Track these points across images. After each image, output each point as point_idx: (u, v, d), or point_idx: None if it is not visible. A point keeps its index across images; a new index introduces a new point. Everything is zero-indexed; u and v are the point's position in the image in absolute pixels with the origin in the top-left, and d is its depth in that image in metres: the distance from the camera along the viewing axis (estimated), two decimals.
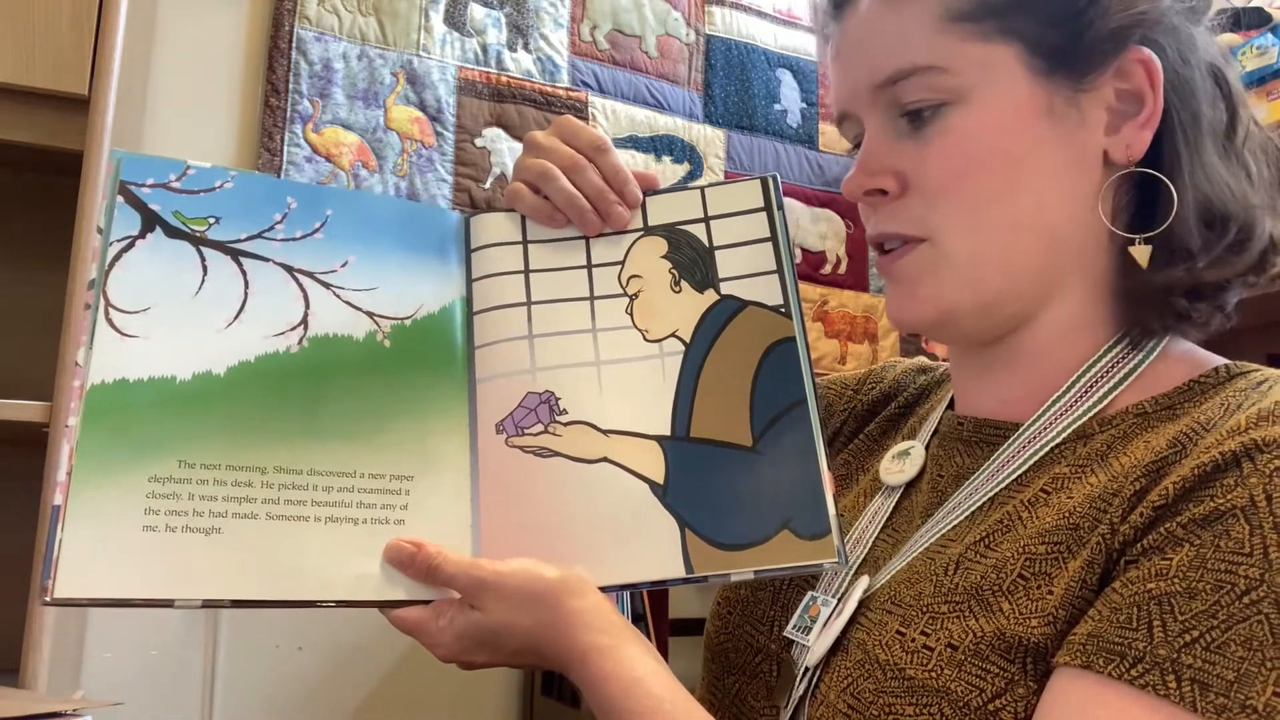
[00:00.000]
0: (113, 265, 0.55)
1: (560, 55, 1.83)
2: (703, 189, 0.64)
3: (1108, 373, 0.57)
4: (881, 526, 0.62)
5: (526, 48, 1.80)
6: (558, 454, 0.58)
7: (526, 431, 0.59)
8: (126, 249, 0.56)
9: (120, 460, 0.52)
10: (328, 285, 0.59)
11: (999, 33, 0.55)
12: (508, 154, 1.75)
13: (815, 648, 0.56)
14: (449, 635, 0.55)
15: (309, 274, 0.59)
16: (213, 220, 0.58)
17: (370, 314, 0.60)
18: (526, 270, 0.63)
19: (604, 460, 0.58)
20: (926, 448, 0.64)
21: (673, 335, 0.60)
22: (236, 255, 0.58)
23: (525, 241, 0.64)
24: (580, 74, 1.84)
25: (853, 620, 0.56)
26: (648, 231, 0.63)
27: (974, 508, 0.56)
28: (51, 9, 1.08)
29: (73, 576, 0.50)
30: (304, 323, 0.58)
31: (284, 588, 0.53)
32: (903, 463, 0.64)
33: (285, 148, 1.57)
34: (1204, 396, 0.54)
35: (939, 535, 0.57)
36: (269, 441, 0.55)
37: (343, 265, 0.60)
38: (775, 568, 0.55)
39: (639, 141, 1.88)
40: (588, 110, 1.84)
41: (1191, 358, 0.58)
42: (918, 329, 0.61)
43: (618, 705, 0.51)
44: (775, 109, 2.04)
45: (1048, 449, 0.56)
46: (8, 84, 1.08)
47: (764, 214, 0.62)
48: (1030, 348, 0.59)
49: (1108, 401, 0.56)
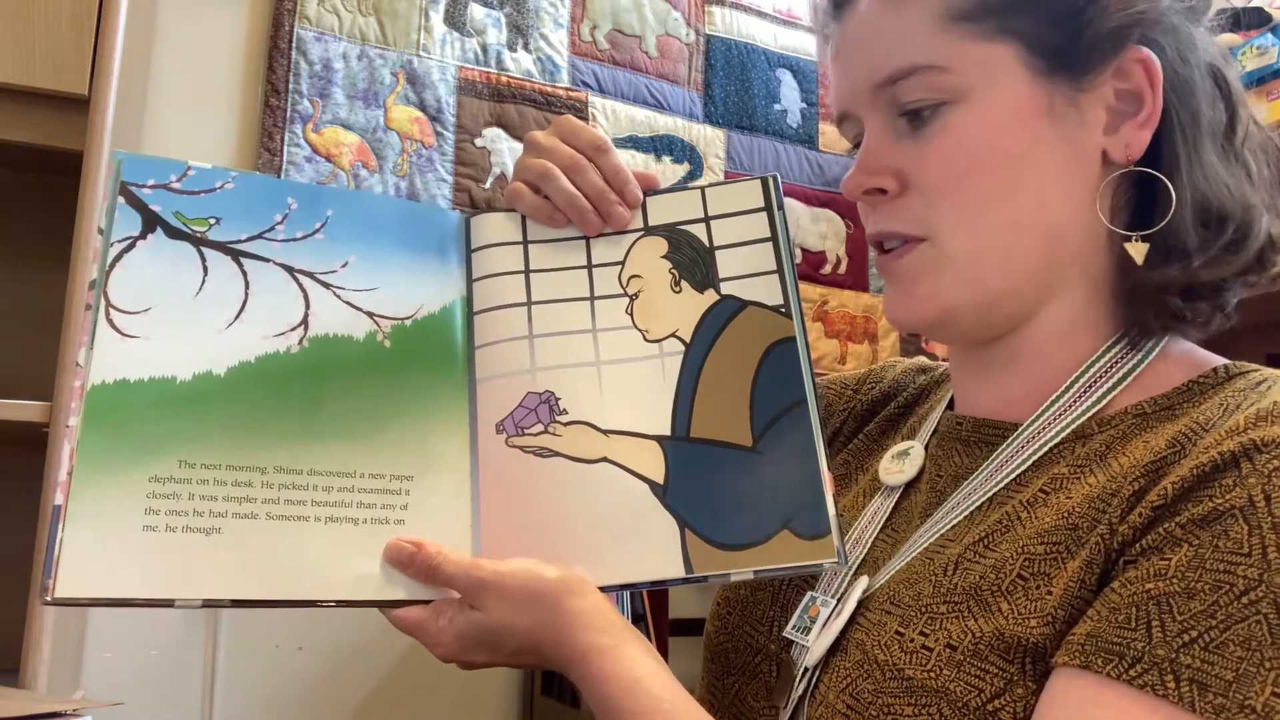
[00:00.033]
0: (113, 266, 0.55)
1: (560, 55, 1.83)
2: (703, 189, 0.64)
3: (1106, 373, 0.57)
4: (881, 526, 0.62)
5: (526, 48, 1.80)
6: (558, 454, 0.58)
7: (527, 431, 0.59)
8: (127, 250, 0.56)
9: (121, 460, 0.52)
10: (328, 285, 0.60)
11: (999, 32, 0.56)
12: (508, 154, 1.75)
13: (814, 648, 0.56)
14: (449, 635, 0.55)
15: (309, 274, 0.59)
16: (213, 221, 0.58)
17: (370, 314, 0.60)
18: (527, 270, 0.63)
19: (604, 460, 0.58)
20: (926, 448, 0.65)
21: (673, 335, 0.61)
22: (237, 256, 0.58)
23: (525, 241, 0.64)
24: (580, 74, 1.84)
25: (852, 620, 0.56)
26: (648, 231, 0.63)
27: (973, 508, 0.56)
28: (51, 9, 1.08)
29: (73, 576, 0.50)
30: (304, 323, 0.58)
31: (284, 587, 0.53)
32: (902, 463, 0.64)
33: (285, 148, 1.57)
34: (1203, 397, 0.54)
35: (938, 535, 0.57)
36: (269, 441, 0.55)
37: (343, 265, 0.60)
38: (775, 568, 0.55)
39: (639, 141, 1.88)
40: (588, 110, 1.84)
41: (1191, 358, 0.58)
42: (917, 329, 0.61)
43: (617, 705, 0.51)
44: (775, 109, 2.04)
45: (1046, 449, 0.56)
46: (8, 84, 1.08)
47: (764, 214, 0.62)
48: (1029, 348, 0.59)
49: (1106, 402, 0.56)
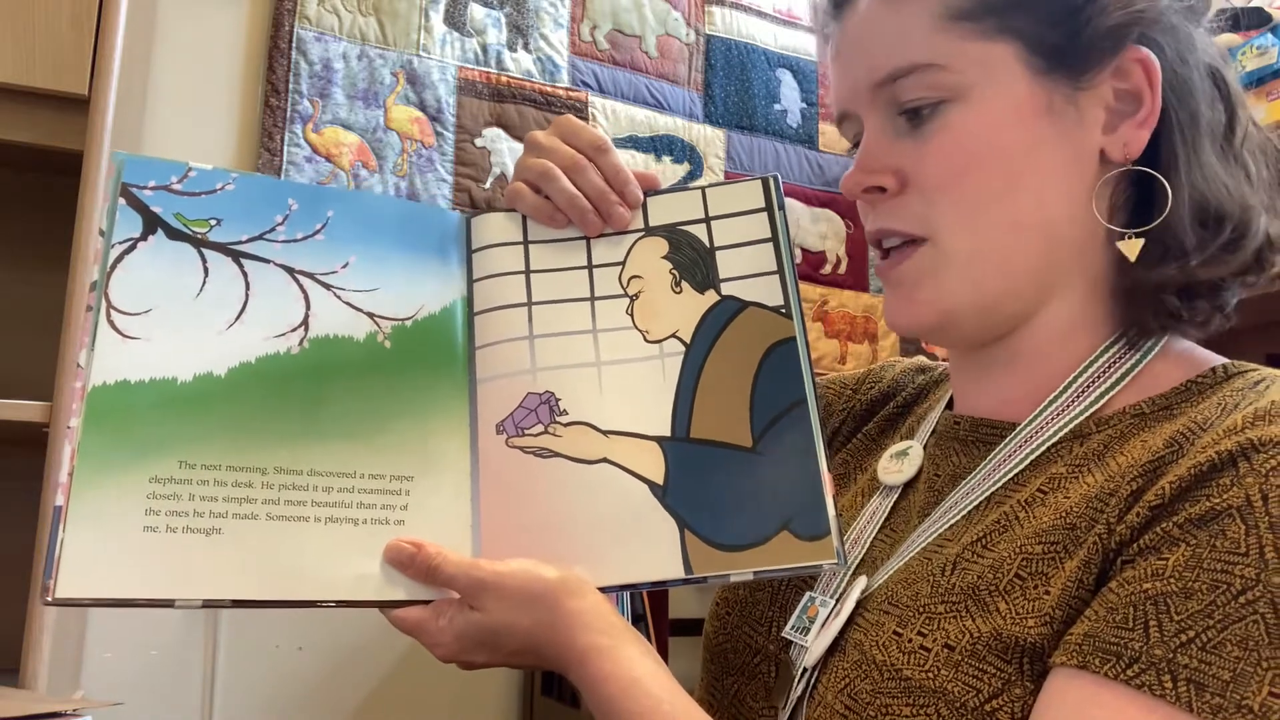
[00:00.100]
0: (114, 267, 0.55)
1: (560, 55, 1.83)
2: (704, 189, 0.64)
3: (1105, 372, 0.57)
4: (879, 526, 0.62)
5: (526, 48, 1.80)
6: (558, 454, 0.58)
7: (527, 432, 0.59)
8: (128, 251, 0.56)
9: (121, 461, 0.52)
10: (329, 286, 0.60)
11: (998, 31, 0.56)
12: (508, 154, 1.75)
13: (813, 648, 0.56)
14: (449, 635, 0.55)
15: (310, 275, 0.59)
16: (214, 222, 0.58)
17: (371, 315, 0.60)
18: (527, 271, 0.63)
19: (604, 461, 0.58)
20: (924, 447, 0.65)
21: (673, 336, 0.61)
22: (238, 257, 0.58)
23: (526, 242, 0.64)
24: (580, 74, 1.84)
25: (850, 621, 0.56)
26: (648, 232, 0.63)
27: (970, 507, 0.57)
28: (51, 9, 1.08)
29: (74, 577, 0.50)
30: (305, 324, 0.58)
31: (284, 588, 0.53)
32: (901, 462, 0.64)
33: (285, 148, 1.58)
34: (1201, 396, 0.54)
35: (936, 535, 0.57)
36: (269, 442, 0.55)
37: (344, 266, 0.60)
38: (775, 568, 0.55)
39: (639, 141, 1.88)
40: (588, 110, 1.84)
41: (1189, 357, 0.58)
42: (917, 333, 0.61)
43: (616, 706, 0.52)
44: (775, 109, 2.04)
45: (1045, 449, 0.56)
46: (8, 84, 1.08)
47: (765, 214, 0.62)
48: (1029, 348, 0.59)
49: (1105, 401, 0.56)
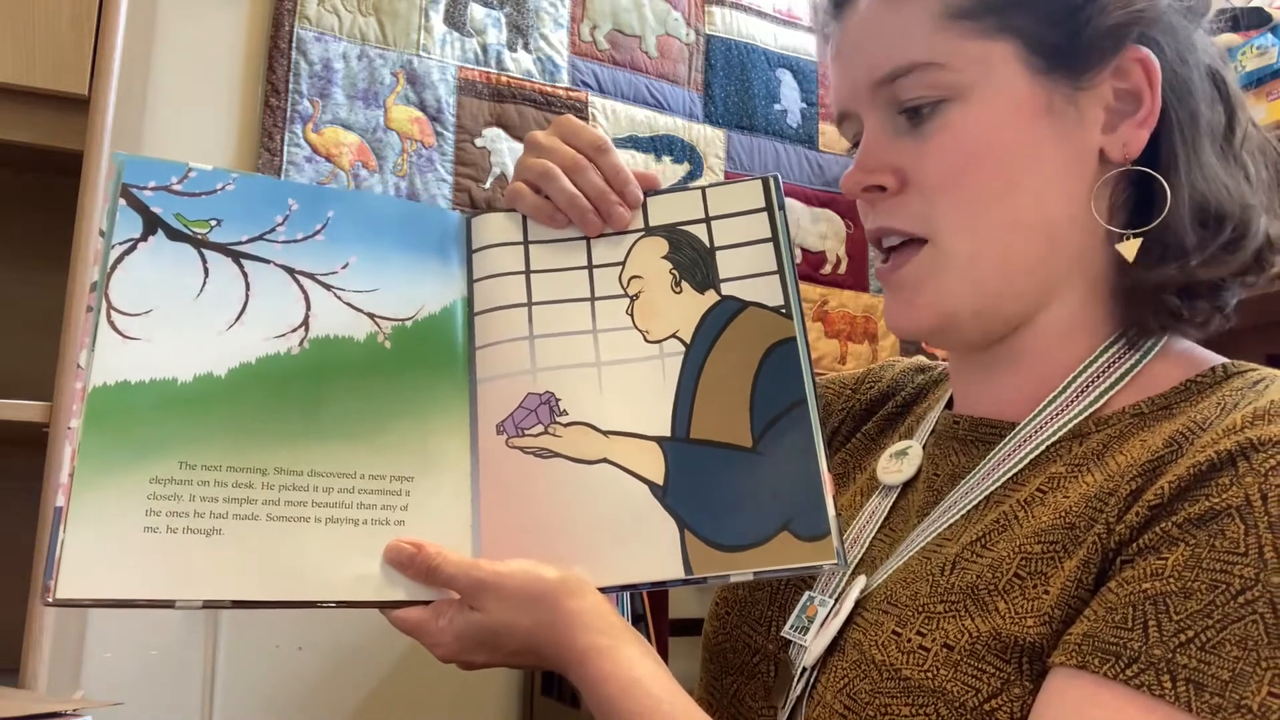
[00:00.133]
0: (115, 268, 0.55)
1: (560, 55, 1.83)
2: (704, 189, 0.64)
3: (1104, 372, 0.57)
4: (879, 526, 0.62)
5: (526, 48, 1.80)
6: (558, 455, 0.58)
7: (527, 432, 0.59)
8: (129, 252, 0.56)
9: (122, 462, 0.52)
10: (329, 287, 0.60)
11: (998, 30, 0.56)
12: (508, 154, 1.75)
13: (812, 648, 0.56)
14: (449, 635, 0.55)
15: (310, 275, 0.59)
16: (214, 223, 0.58)
17: (371, 315, 0.60)
18: (527, 271, 0.63)
19: (604, 461, 0.58)
20: (924, 447, 0.65)
21: (673, 336, 0.61)
22: (238, 257, 0.58)
23: (526, 242, 0.64)
24: (580, 74, 1.84)
25: (849, 620, 0.56)
26: (649, 232, 0.63)
27: (969, 507, 0.57)
28: (51, 9, 1.08)
29: (74, 577, 0.50)
30: (305, 324, 0.58)
31: (285, 588, 0.53)
32: (900, 462, 0.65)
33: (285, 148, 1.58)
34: (1200, 396, 0.54)
35: (935, 535, 0.57)
36: (270, 443, 0.55)
37: (344, 267, 0.60)
38: (774, 569, 0.55)
39: (639, 141, 1.88)
40: (588, 110, 1.84)
41: (1189, 357, 0.58)
42: (918, 336, 0.61)
43: (616, 706, 0.52)
44: (775, 109, 2.04)
45: (1044, 448, 0.56)
46: (8, 84, 1.08)
47: (765, 214, 0.62)
48: (1030, 348, 0.59)
49: (1104, 401, 0.56)
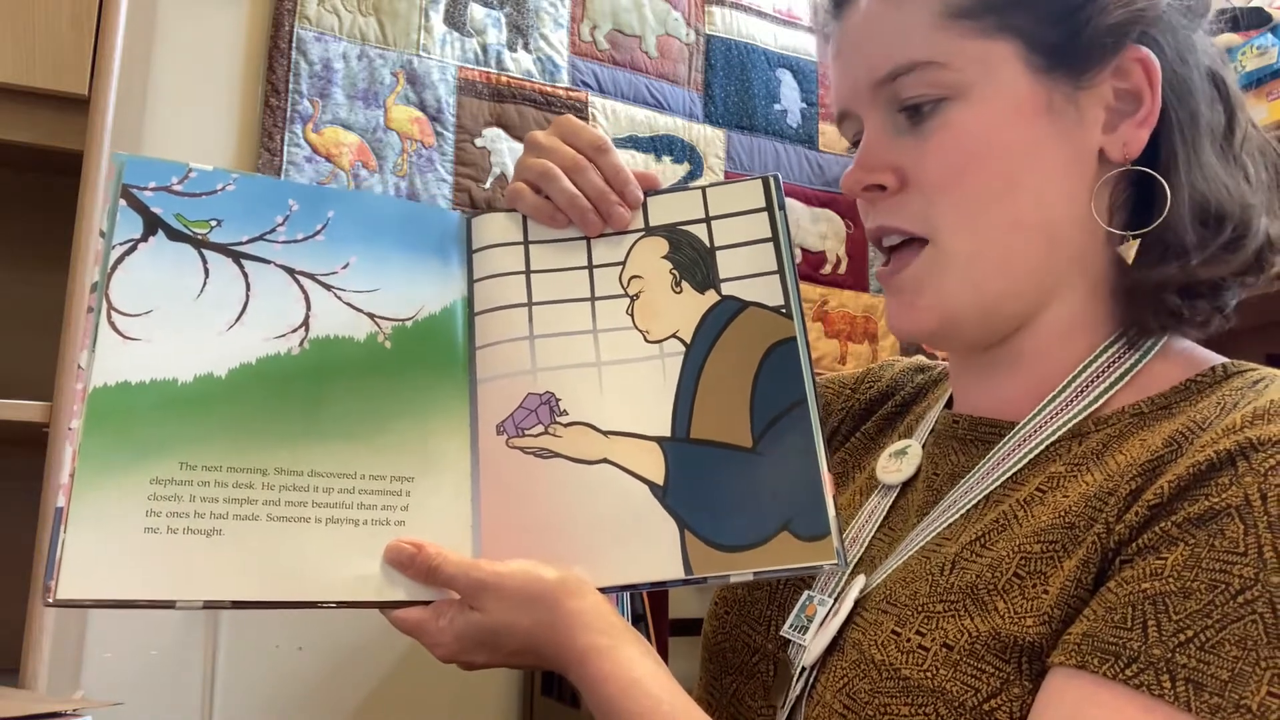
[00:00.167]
0: (115, 268, 0.55)
1: (560, 55, 1.83)
2: (704, 189, 0.64)
3: (1104, 372, 0.57)
4: (878, 525, 0.62)
5: (526, 48, 1.80)
6: (558, 455, 0.58)
7: (527, 432, 0.59)
8: (129, 252, 0.56)
9: (122, 462, 0.52)
10: (329, 287, 0.60)
11: (998, 29, 0.56)
12: (508, 154, 1.75)
13: (811, 648, 0.56)
14: (449, 635, 0.55)
15: (310, 276, 0.60)
16: (215, 223, 0.58)
17: (371, 315, 0.60)
18: (528, 271, 0.63)
19: (604, 461, 0.58)
20: (923, 446, 0.65)
21: (673, 336, 0.61)
22: (238, 258, 0.58)
23: (526, 242, 0.64)
24: (580, 74, 1.84)
25: (849, 620, 0.56)
26: (649, 232, 0.63)
27: (969, 506, 0.57)
28: (51, 9, 1.09)
29: (75, 578, 0.50)
30: (305, 325, 0.58)
31: (285, 589, 0.53)
32: (900, 461, 0.65)
33: (285, 148, 1.58)
34: (1200, 395, 0.54)
35: (934, 534, 0.57)
36: (270, 443, 0.55)
37: (344, 267, 0.60)
38: (774, 569, 0.55)
39: (639, 141, 1.88)
40: (588, 110, 1.84)
41: (1189, 357, 0.58)
42: (919, 338, 0.61)
43: (616, 706, 0.52)
44: (775, 109, 2.04)
45: (1043, 448, 0.56)
46: (8, 84, 1.08)
47: (765, 214, 0.62)
48: (1030, 348, 0.60)
49: (1104, 400, 0.56)
